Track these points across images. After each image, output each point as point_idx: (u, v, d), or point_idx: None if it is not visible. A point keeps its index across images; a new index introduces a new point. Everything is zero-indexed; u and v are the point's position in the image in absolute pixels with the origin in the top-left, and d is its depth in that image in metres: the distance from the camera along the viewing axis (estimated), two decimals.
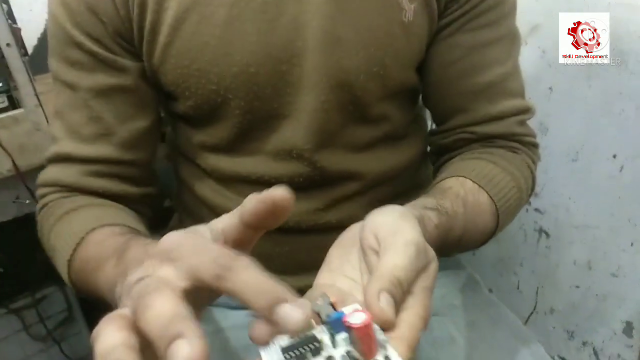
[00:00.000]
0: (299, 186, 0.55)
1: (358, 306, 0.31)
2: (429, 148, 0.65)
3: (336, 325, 0.30)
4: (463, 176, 0.51)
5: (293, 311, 0.26)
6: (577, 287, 0.92)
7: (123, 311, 0.26)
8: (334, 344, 0.29)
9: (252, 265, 0.27)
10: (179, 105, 0.54)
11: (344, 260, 0.37)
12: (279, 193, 0.29)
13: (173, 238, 0.29)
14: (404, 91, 0.57)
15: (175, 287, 0.26)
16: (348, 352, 0.29)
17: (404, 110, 0.59)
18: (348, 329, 0.28)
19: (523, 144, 0.58)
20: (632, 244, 0.81)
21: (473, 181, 0.50)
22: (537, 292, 1.00)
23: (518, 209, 0.56)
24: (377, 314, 0.29)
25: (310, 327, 0.31)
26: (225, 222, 0.32)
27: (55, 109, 0.55)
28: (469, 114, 0.56)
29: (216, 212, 0.59)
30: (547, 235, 0.94)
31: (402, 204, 0.62)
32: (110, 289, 0.35)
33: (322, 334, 0.30)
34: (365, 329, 0.27)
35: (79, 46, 0.51)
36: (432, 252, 0.34)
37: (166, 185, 0.68)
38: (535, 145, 0.60)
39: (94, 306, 1.17)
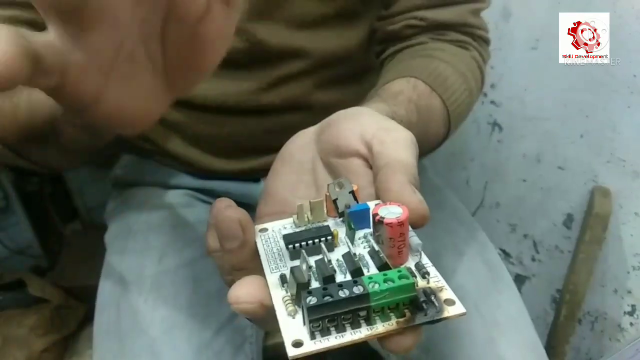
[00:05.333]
0: (239, 63, 0.51)
1: (380, 202, 0.25)
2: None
3: (358, 218, 0.24)
4: (415, 77, 0.45)
5: None
6: (524, 180, 0.93)
7: None
8: (351, 240, 0.24)
9: None
10: None
11: (294, 179, 0.32)
12: None
13: None
14: None
15: None
16: (372, 251, 0.23)
17: None
18: (377, 225, 0.23)
19: (474, 38, 0.54)
20: (581, 136, 0.81)
21: (425, 83, 0.45)
22: (485, 187, 1.01)
23: (467, 113, 0.52)
24: (416, 207, 0.24)
25: (321, 216, 0.26)
26: None
27: None
28: None
29: None
30: (500, 128, 0.93)
31: (352, 87, 0.58)
32: None
33: (336, 227, 0.25)
34: (401, 227, 0.22)
35: None
36: None
37: None
38: (486, 42, 0.56)
39: (33, 197, 1.12)
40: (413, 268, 0.23)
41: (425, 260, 0.23)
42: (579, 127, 0.81)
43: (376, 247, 0.23)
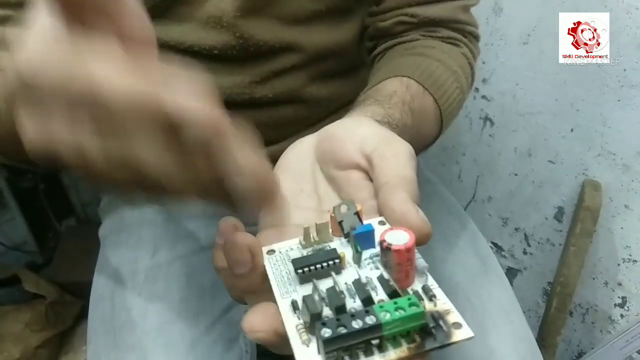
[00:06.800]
0: (232, 58, 0.51)
1: (383, 219, 0.26)
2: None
3: (364, 239, 0.25)
4: (407, 76, 0.45)
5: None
6: (516, 174, 0.94)
7: None
8: (358, 262, 0.25)
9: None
10: None
11: (294, 188, 0.32)
12: None
13: None
14: None
15: None
16: (381, 278, 0.23)
17: None
18: (385, 251, 0.23)
19: (464, 34, 0.54)
20: (572, 130, 0.82)
21: (418, 82, 0.46)
22: (477, 181, 1.02)
23: (458, 111, 0.53)
24: (419, 226, 0.24)
25: (327, 237, 0.26)
26: None
27: None
28: None
29: None
30: (492, 123, 0.93)
31: (346, 81, 0.59)
32: None
33: (342, 247, 0.25)
34: (408, 252, 0.22)
35: None
36: None
37: None
38: (476, 38, 0.56)
39: (27, 193, 1.12)
40: (420, 290, 0.23)
41: (431, 282, 0.23)
42: (570, 121, 0.82)
43: (385, 275, 0.23)
